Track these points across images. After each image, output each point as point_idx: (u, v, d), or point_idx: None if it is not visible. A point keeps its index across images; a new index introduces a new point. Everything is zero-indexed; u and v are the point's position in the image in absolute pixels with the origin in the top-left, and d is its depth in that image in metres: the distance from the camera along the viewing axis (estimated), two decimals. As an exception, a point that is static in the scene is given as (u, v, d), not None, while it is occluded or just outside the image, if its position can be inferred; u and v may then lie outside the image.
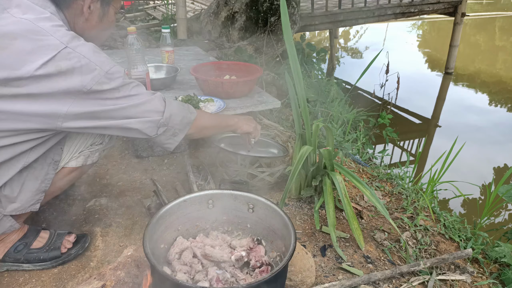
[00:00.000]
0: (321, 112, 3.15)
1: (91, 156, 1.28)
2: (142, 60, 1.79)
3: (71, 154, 1.23)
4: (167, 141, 1.18)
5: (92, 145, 1.27)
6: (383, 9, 5.01)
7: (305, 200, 1.71)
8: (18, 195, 1.10)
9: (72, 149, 1.23)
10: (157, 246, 1.09)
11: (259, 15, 4.30)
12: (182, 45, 3.85)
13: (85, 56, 0.99)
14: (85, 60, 0.99)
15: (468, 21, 10.11)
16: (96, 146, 1.28)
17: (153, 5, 7.49)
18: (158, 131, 1.13)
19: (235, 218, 1.23)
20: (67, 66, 0.96)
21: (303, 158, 1.44)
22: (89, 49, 1.02)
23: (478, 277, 1.42)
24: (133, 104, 1.08)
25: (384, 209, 1.41)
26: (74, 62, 0.97)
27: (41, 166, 1.15)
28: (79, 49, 0.99)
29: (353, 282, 1.25)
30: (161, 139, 1.16)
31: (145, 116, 1.10)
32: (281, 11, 1.55)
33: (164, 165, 1.94)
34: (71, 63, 0.97)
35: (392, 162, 3.35)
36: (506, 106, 5.03)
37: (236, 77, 2.17)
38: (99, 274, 1.07)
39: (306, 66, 4.45)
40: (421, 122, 4.48)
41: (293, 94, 1.67)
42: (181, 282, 0.86)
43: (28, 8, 1.00)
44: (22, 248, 1.24)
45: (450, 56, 5.88)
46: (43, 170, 1.15)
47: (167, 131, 1.15)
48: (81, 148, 1.25)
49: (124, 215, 1.55)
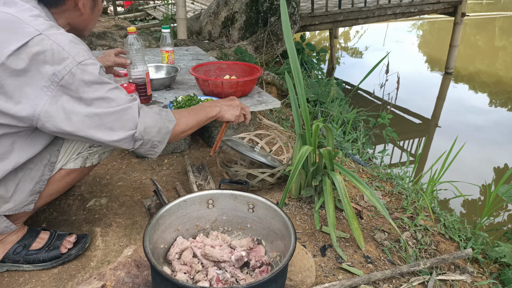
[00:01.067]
0: (321, 112, 3.15)
1: (90, 158, 1.24)
2: (142, 60, 1.79)
3: (69, 156, 1.19)
4: (147, 152, 1.13)
5: (91, 147, 1.23)
6: (383, 9, 5.01)
7: (305, 200, 1.71)
8: (12, 195, 1.09)
9: (70, 150, 1.19)
10: (157, 246, 1.09)
11: (259, 15, 4.30)
12: (182, 45, 3.85)
13: (59, 44, 0.95)
14: (58, 48, 0.94)
15: (468, 21, 10.11)
16: (95, 148, 1.23)
17: (153, 5, 7.50)
18: (134, 145, 1.08)
19: (235, 218, 1.23)
20: (37, 51, 0.92)
21: (303, 158, 1.44)
22: (66, 38, 0.97)
23: (478, 277, 1.42)
24: (108, 112, 1.01)
25: (384, 209, 1.41)
26: (45, 49, 0.93)
27: (37, 167, 1.13)
28: (54, 37, 0.95)
29: (353, 282, 1.25)
30: (141, 151, 1.12)
31: (120, 129, 1.03)
32: (281, 11, 1.55)
33: (164, 165, 1.94)
34: (42, 49, 0.93)
35: (392, 162, 3.35)
36: (506, 106, 5.03)
37: (236, 77, 2.17)
38: (99, 274, 1.07)
39: (306, 66, 4.45)
40: (421, 122, 4.48)
41: (293, 94, 1.67)
42: (181, 282, 0.86)
43: (12, 3, 1.00)
44: (21, 250, 1.24)
45: (450, 56, 5.89)
46: (39, 171, 1.13)
47: (144, 144, 1.09)
48: (79, 150, 1.21)
49: (124, 215, 1.55)
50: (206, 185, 1.72)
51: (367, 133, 3.02)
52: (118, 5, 7.64)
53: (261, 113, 2.67)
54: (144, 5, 7.55)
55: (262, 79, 3.44)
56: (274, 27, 4.08)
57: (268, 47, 4.05)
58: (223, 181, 1.46)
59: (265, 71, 3.49)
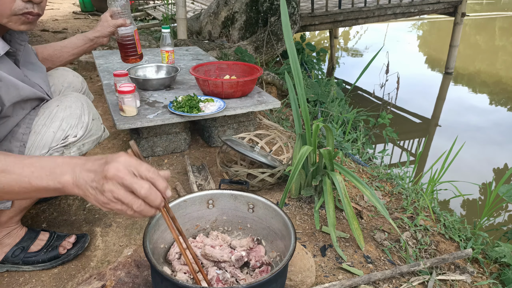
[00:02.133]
0: (321, 112, 3.15)
1: (66, 152, 1.14)
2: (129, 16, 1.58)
3: (39, 150, 1.10)
4: None
5: (66, 138, 1.13)
6: (383, 9, 5.01)
7: (305, 200, 1.71)
8: None
9: (37, 144, 1.09)
10: (157, 246, 1.09)
11: (259, 15, 4.30)
12: (182, 45, 3.85)
13: None
14: None
15: (468, 21, 10.11)
16: (71, 139, 1.13)
17: (153, 5, 7.50)
18: None
19: (235, 218, 1.23)
20: None
21: (303, 158, 1.44)
22: None
23: (478, 277, 1.42)
24: None
25: (384, 209, 1.41)
26: None
27: None
28: None
29: (353, 282, 1.25)
30: None
31: None
32: (281, 11, 1.55)
33: (164, 165, 1.94)
34: None
35: (392, 162, 3.35)
36: (506, 106, 5.03)
37: (236, 77, 2.17)
38: (99, 274, 1.07)
39: (306, 66, 4.45)
40: (421, 122, 4.48)
41: (293, 94, 1.67)
42: (181, 282, 0.86)
43: None
44: (19, 252, 1.23)
45: (450, 56, 5.89)
46: None
47: None
48: (52, 144, 1.11)
49: (124, 215, 1.55)
50: (206, 185, 1.72)
51: (367, 133, 3.02)
52: (118, 5, 7.62)
53: (261, 113, 2.67)
54: (144, 5, 7.55)
55: (262, 79, 3.44)
56: (274, 27, 4.08)
57: (268, 47, 4.05)
58: (223, 181, 1.46)
59: (265, 71, 3.49)
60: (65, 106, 1.15)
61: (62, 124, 1.13)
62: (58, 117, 1.13)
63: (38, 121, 1.13)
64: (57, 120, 1.13)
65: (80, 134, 1.15)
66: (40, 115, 1.14)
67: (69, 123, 1.14)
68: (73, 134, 1.14)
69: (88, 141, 1.19)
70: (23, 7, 0.98)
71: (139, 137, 1.94)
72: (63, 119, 1.13)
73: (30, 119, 1.13)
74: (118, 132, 2.25)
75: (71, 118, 1.14)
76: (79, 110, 1.16)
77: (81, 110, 1.17)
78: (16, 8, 0.98)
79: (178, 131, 2.00)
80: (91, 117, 1.20)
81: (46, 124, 1.12)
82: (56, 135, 1.11)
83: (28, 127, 1.11)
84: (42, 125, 1.12)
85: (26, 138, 1.10)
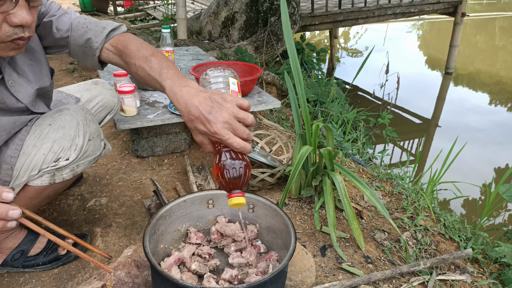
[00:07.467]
0: (321, 112, 3.15)
1: (58, 174, 1.07)
2: None
3: (29, 172, 1.04)
4: None
5: (58, 161, 1.05)
6: (383, 9, 5.02)
7: (305, 200, 1.71)
8: None
9: (27, 166, 1.03)
10: (157, 246, 1.09)
11: (259, 15, 4.30)
12: (182, 45, 3.85)
13: None
14: None
15: (468, 21, 10.11)
16: (62, 162, 1.05)
17: (153, 5, 7.50)
18: None
19: (235, 218, 1.23)
20: None
21: (303, 158, 1.44)
22: None
23: (478, 277, 1.42)
24: None
25: (384, 209, 1.41)
26: None
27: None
28: None
29: (353, 282, 1.25)
30: None
31: None
32: (281, 11, 1.54)
33: (164, 165, 1.94)
34: None
35: (392, 162, 3.35)
36: (506, 106, 5.03)
37: (236, 77, 2.17)
38: (99, 274, 1.07)
39: (306, 66, 4.45)
40: (421, 122, 4.49)
41: (293, 94, 1.67)
42: (181, 282, 0.86)
43: None
44: (19, 256, 1.22)
45: (450, 56, 5.89)
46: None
47: None
48: (42, 166, 1.04)
49: (124, 215, 1.55)
50: (206, 185, 1.72)
51: (367, 133, 3.02)
52: (118, 5, 7.64)
53: (261, 113, 2.67)
54: (144, 5, 7.55)
55: (262, 79, 3.44)
56: (274, 27, 4.08)
57: (268, 47, 4.05)
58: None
59: (265, 71, 3.49)
60: (58, 126, 1.05)
61: (54, 146, 1.04)
62: (50, 138, 1.04)
63: (28, 141, 1.05)
64: (48, 142, 1.04)
65: (73, 157, 1.07)
66: (31, 133, 1.06)
67: (61, 145, 1.05)
68: (65, 157, 1.05)
69: (83, 162, 1.12)
70: (12, 33, 0.84)
71: (139, 137, 1.94)
72: (54, 141, 1.04)
73: (21, 139, 1.05)
74: (118, 132, 2.25)
75: (63, 140, 1.05)
76: (73, 131, 1.06)
77: (76, 131, 1.06)
78: (3, 35, 0.83)
79: (178, 131, 2.00)
80: (87, 137, 1.09)
81: (37, 145, 1.04)
82: (46, 157, 1.04)
83: (17, 149, 1.04)
84: (32, 145, 1.04)
85: (14, 161, 1.03)
